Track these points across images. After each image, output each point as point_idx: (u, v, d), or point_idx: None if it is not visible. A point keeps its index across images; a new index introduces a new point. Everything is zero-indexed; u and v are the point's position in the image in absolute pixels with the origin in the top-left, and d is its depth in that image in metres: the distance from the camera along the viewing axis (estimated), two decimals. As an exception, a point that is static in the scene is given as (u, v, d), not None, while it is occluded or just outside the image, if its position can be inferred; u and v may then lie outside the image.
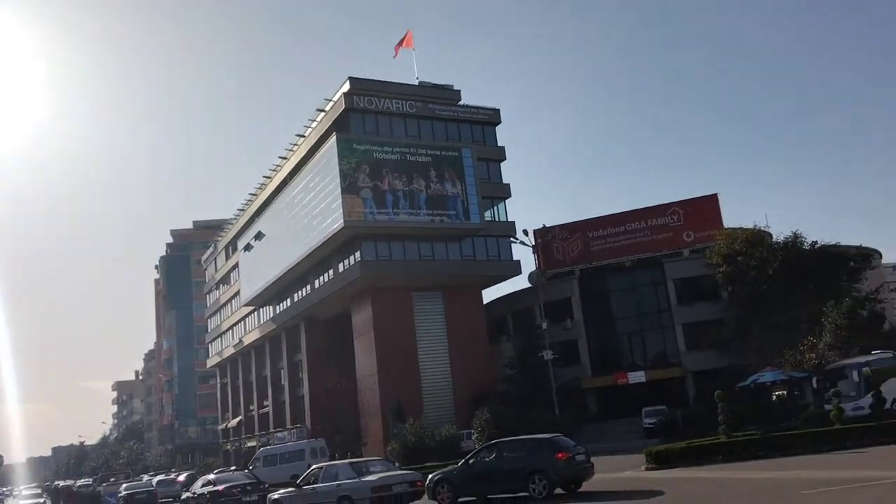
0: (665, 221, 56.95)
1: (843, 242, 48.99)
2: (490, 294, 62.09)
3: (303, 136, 59.77)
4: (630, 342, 56.41)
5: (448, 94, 58.61)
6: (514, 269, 57.78)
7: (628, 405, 48.16)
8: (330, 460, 41.08)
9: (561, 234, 59.34)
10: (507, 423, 39.53)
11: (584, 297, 56.13)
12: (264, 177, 68.33)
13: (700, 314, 51.98)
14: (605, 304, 56.82)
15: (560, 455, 19.11)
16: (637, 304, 55.81)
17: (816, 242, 46.48)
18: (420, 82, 57.85)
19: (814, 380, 35.98)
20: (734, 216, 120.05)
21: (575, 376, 53.35)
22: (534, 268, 57.22)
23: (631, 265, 57.05)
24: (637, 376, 51.96)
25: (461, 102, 58.87)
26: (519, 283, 67.32)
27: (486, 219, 55.78)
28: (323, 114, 56.98)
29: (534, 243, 51.98)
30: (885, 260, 74.47)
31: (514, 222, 57.32)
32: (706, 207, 55.86)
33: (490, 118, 59.61)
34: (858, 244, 51.46)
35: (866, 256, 50.05)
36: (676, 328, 53.33)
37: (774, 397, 38.87)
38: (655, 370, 52.70)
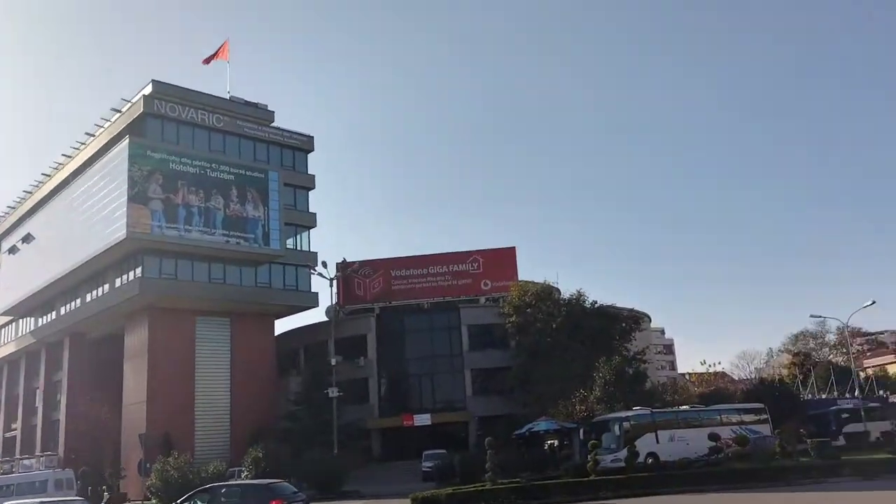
0: (466, 268, 58.29)
1: (619, 304, 52.74)
2: (284, 325, 59.88)
3: (92, 136, 54.59)
4: (420, 384, 56.47)
5: (260, 114, 56.48)
6: (312, 300, 56.19)
7: (413, 447, 47.87)
8: (80, 494, 36.73)
9: (363, 269, 58.74)
10: (281, 461, 37.50)
11: (380, 336, 55.62)
12: (43, 174, 61.56)
13: (489, 361, 53.35)
14: (400, 344, 56.62)
15: (274, 502, 18.48)
16: (431, 347, 56.13)
17: (596, 302, 49.67)
18: (231, 97, 55.33)
19: (581, 431, 37.74)
20: (531, 270, 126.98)
21: (362, 416, 52.29)
22: (333, 301, 55.96)
23: (429, 308, 57.61)
24: (423, 419, 51.95)
25: (274, 124, 56.95)
26: (316, 315, 65.65)
27: (288, 246, 53.91)
28: (118, 114, 52.50)
29: (333, 276, 50.77)
30: (654, 324, 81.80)
31: (316, 253, 55.92)
32: (504, 258, 57.93)
33: (303, 144, 58.21)
34: (631, 307, 55.67)
35: (637, 319, 54.15)
36: (466, 373, 54.26)
37: (546, 446, 40.45)
38: (442, 413, 53.05)
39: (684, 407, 40.12)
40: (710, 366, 72.72)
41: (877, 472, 25.54)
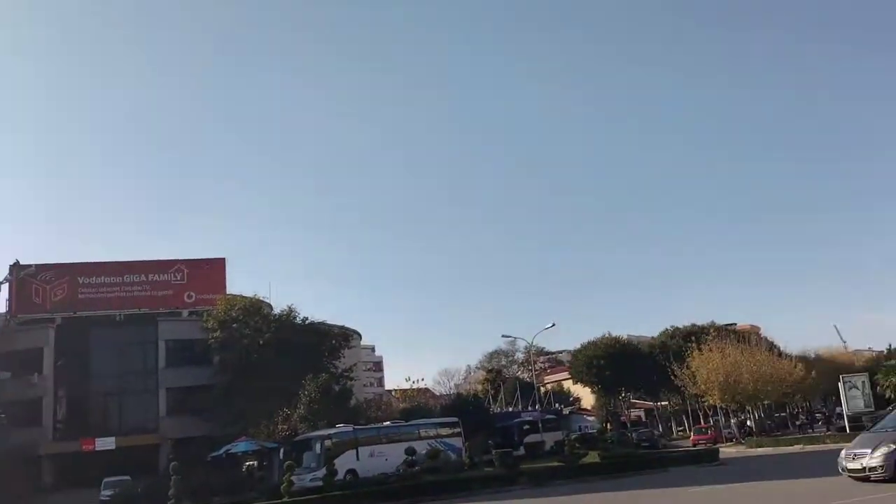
0: (168, 278, 54.10)
1: (331, 322, 52.78)
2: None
3: None
4: (106, 404, 51.12)
5: None
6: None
7: (94, 475, 42.69)
8: None
9: (43, 274, 51.59)
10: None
11: (60, 350, 49.27)
12: None
13: (188, 379, 49.80)
14: (85, 359, 50.64)
15: None
16: (121, 363, 51.13)
17: (307, 319, 49.13)
18: None
19: (282, 451, 36.74)
20: (245, 284, 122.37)
21: (33, 440, 45.64)
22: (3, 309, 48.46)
23: (122, 320, 52.34)
24: (106, 442, 46.72)
25: None
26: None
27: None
28: None
29: (3, 280, 43.82)
30: (365, 341, 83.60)
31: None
32: (212, 270, 54.82)
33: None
34: (342, 325, 56.02)
35: (347, 336, 54.60)
36: (161, 392, 50.16)
37: (244, 468, 38.70)
38: (130, 436, 48.21)
39: (386, 423, 41.15)
40: (414, 382, 76.11)
41: (548, 480, 28.16)
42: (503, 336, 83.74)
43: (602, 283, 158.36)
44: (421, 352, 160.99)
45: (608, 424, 62.68)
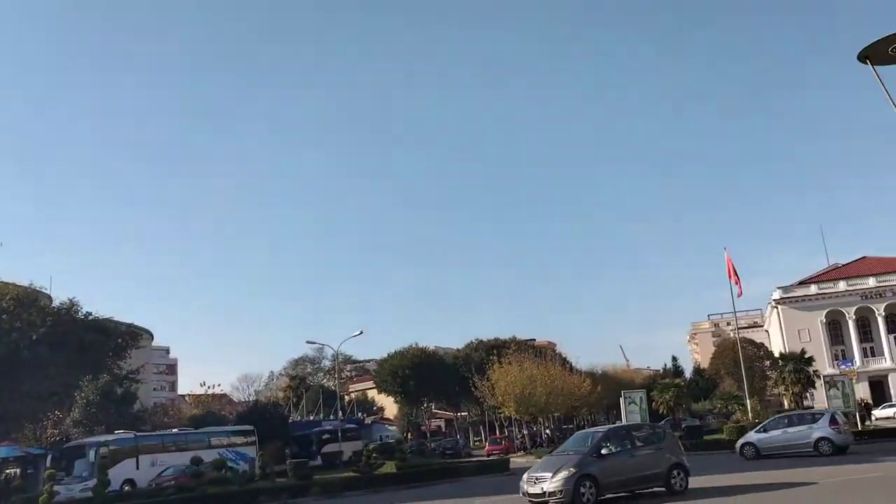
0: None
1: (121, 318, 48.62)
2: None
3: None
4: None
5: None
6: None
7: None
8: None
9: None
10: None
11: None
12: None
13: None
14: None
15: None
16: None
17: (91, 314, 44.76)
18: None
19: (49, 458, 33.09)
20: (21, 272, 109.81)
21: None
22: None
23: None
24: None
25: None
26: None
27: None
28: None
29: None
30: (159, 342, 78.14)
31: None
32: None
33: None
34: (131, 322, 51.80)
35: (135, 335, 50.41)
36: None
37: (4, 476, 34.41)
38: None
39: (173, 430, 38.46)
40: (209, 387, 71.92)
41: (342, 490, 27.43)
42: (307, 342, 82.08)
43: (418, 294, 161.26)
44: (225, 356, 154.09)
45: (409, 434, 63.21)
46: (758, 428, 29.53)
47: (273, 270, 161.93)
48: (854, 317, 75.42)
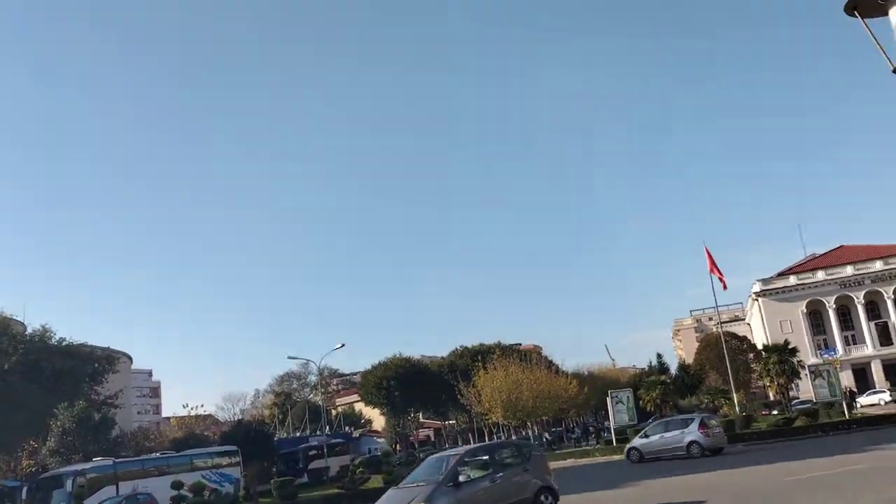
0: None
1: (97, 343, 47.67)
2: None
3: None
4: None
5: None
6: None
7: None
8: None
9: None
10: None
11: None
12: None
13: None
14: None
15: None
16: None
17: (64, 340, 43.79)
18: None
19: (24, 490, 32.17)
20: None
21: None
22: None
23: None
24: None
25: None
26: None
27: None
28: None
29: None
30: (140, 365, 76.86)
31: None
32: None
33: None
34: (107, 346, 50.76)
35: (112, 359, 49.34)
36: None
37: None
38: None
39: (154, 454, 37.56)
40: (192, 409, 70.61)
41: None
42: (289, 357, 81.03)
43: (406, 300, 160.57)
44: (209, 377, 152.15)
45: (397, 445, 62.41)
46: (640, 434, 31.49)
47: (253, 285, 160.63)
48: (834, 305, 75.95)
